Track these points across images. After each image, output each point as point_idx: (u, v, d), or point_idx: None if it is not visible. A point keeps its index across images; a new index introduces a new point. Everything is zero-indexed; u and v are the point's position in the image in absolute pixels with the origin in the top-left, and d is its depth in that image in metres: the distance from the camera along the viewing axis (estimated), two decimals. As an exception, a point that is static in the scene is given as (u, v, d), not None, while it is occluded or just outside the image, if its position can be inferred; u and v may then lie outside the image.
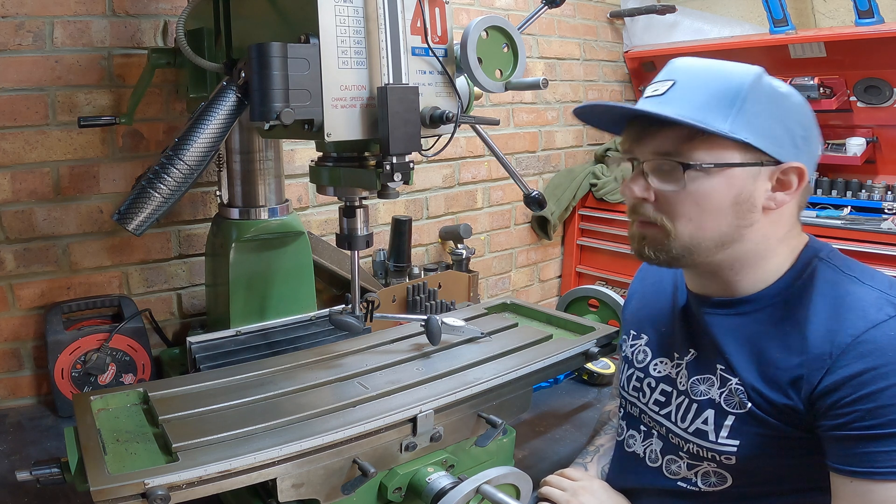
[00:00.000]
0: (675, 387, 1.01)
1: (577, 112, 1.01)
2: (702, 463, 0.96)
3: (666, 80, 0.92)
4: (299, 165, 1.92)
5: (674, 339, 1.04)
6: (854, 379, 0.80)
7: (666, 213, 0.90)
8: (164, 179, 0.99)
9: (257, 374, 1.13)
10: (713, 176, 0.87)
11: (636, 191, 0.91)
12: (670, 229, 0.90)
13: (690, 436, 0.96)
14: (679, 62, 0.95)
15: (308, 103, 0.95)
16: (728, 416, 0.92)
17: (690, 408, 0.97)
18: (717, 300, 0.97)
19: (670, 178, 0.89)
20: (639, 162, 0.92)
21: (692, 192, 0.87)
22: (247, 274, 1.44)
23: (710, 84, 0.89)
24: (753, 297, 0.94)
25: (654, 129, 0.90)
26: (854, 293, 0.86)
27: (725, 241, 0.90)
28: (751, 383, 0.90)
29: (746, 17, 2.85)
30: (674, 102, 0.88)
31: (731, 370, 0.92)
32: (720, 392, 0.93)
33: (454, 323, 1.26)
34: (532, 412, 1.52)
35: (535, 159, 2.66)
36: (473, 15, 2.23)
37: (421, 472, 1.01)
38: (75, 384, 1.52)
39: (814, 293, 0.88)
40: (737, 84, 0.87)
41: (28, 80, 1.49)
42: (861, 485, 0.79)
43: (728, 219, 0.89)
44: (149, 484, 0.79)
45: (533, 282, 2.79)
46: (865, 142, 2.41)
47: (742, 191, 0.88)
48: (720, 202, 0.88)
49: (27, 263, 1.56)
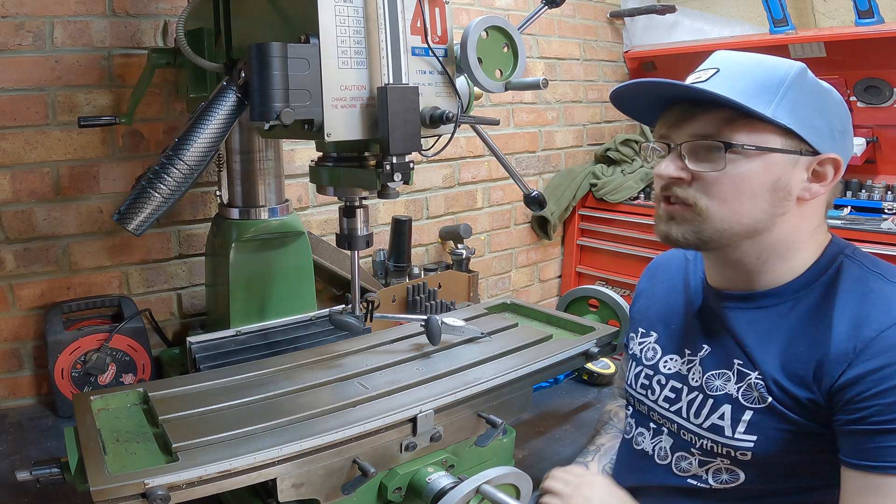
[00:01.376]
0: (687, 383, 1.01)
1: (617, 92, 0.99)
2: (714, 459, 0.96)
3: (709, 69, 0.92)
4: (299, 165, 1.92)
5: (686, 336, 1.05)
6: (875, 374, 0.80)
7: (703, 193, 0.90)
8: (164, 179, 0.99)
9: (257, 374, 1.13)
10: (752, 159, 0.87)
11: (671, 170, 0.91)
12: (704, 209, 0.89)
13: (706, 432, 0.96)
14: (722, 53, 0.95)
15: (308, 103, 0.95)
16: (746, 410, 0.92)
17: (705, 403, 0.97)
18: (738, 294, 0.98)
19: (709, 159, 0.89)
20: (676, 145, 0.92)
21: (731, 173, 0.88)
22: (247, 274, 1.44)
23: (755, 72, 0.89)
24: (776, 291, 0.94)
25: (696, 112, 0.90)
26: (880, 290, 0.86)
27: (757, 228, 0.90)
28: (772, 376, 0.90)
29: (746, 17, 2.85)
30: (718, 87, 0.88)
31: (752, 364, 0.92)
32: (738, 387, 0.93)
33: (454, 323, 1.26)
34: (532, 412, 1.52)
35: (535, 159, 2.66)
36: (473, 15, 2.23)
37: (421, 472, 1.01)
38: (75, 384, 1.52)
39: (839, 288, 0.89)
40: (781, 74, 0.88)
41: (28, 80, 1.49)
42: (875, 479, 0.79)
43: (763, 205, 0.89)
44: (149, 484, 0.79)
45: (533, 282, 2.79)
46: (865, 142, 2.41)
47: (780, 177, 0.88)
48: (758, 186, 0.88)
49: (27, 263, 1.56)
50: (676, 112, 0.93)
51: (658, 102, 0.97)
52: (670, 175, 0.91)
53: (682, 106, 0.92)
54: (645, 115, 1.02)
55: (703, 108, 0.89)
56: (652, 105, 0.98)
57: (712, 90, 0.86)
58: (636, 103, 1.01)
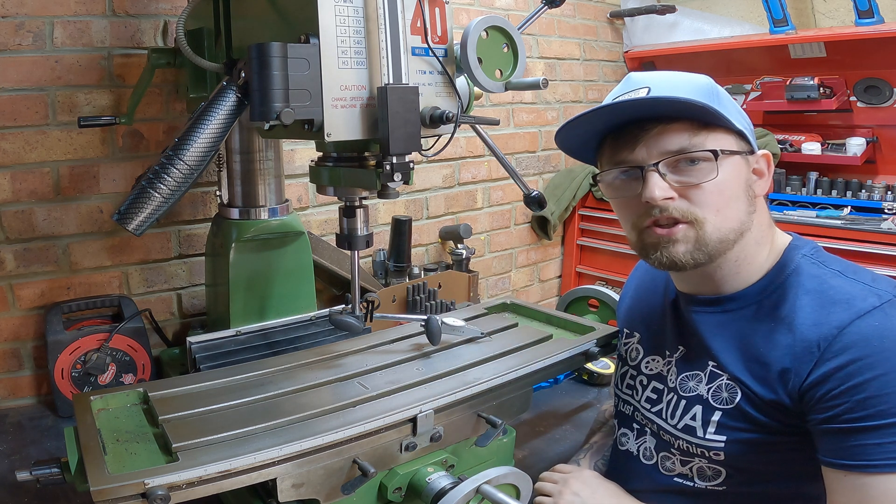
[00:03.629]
0: (666, 384, 1.02)
1: (560, 134, 0.97)
2: (693, 459, 0.96)
3: (639, 88, 0.91)
4: (299, 165, 1.92)
5: (664, 337, 1.05)
6: (841, 370, 0.80)
7: (696, 206, 0.88)
8: (164, 179, 0.99)
9: (257, 374, 1.13)
10: (724, 164, 0.88)
11: (658, 193, 0.88)
12: (702, 222, 0.89)
13: (679, 432, 0.96)
14: (636, 75, 0.95)
15: (308, 103, 0.95)
16: (715, 411, 0.92)
17: (679, 404, 0.97)
18: (704, 298, 0.98)
19: (692, 171, 0.88)
20: (650, 165, 0.89)
21: (716, 181, 0.88)
22: (247, 274, 1.44)
23: (684, 83, 0.91)
24: (738, 295, 0.94)
25: (653, 129, 0.89)
26: (838, 287, 0.87)
27: (742, 230, 0.91)
28: (739, 378, 0.90)
29: (746, 17, 2.85)
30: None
31: (721, 367, 0.93)
32: (708, 388, 0.94)
33: (454, 323, 1.26)
34: (532, 412, 1.52)
35: (535, 159, 2.66)
36: (473, 15, 2.23)
37: (421, 472, 1.01)
38: (75, 384, 1.52)
39: (799, 289, 0.89)
40: (705, 82, 0.91)
41: (28, 80, 1.49)
42: (857, 479, 0.79)
43: (743, 206, 0.91)
44: (149, 484, 0.79)
45: (533, 282, 2.79)
46: (865, 142, 2.41)
47: (746, 177, 0.91)
48: (737, 189, 0.90)
49: (27, 263, 1.56)
50: (630, 134, 0.90)
51: (593, 135, 0.96)
52: (664, 196, 0.88)
53: (631, 128, 0.90)
54: (584, 152, 1.00)
55: (660, 124, 0.88)
56: (587, 139, 0.97)
57: (683, 97, 0.85)
58: (576, 141, 0.98)
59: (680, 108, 0.87)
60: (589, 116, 0.91)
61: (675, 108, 0.87)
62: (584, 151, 1.01)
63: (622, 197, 0.94)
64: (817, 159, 2.48)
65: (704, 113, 0.86)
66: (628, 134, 0.91)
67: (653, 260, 0.93)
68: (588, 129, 0.95)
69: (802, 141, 2.51)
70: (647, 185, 0.89)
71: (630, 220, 0.95)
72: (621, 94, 0.93)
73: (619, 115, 0.91)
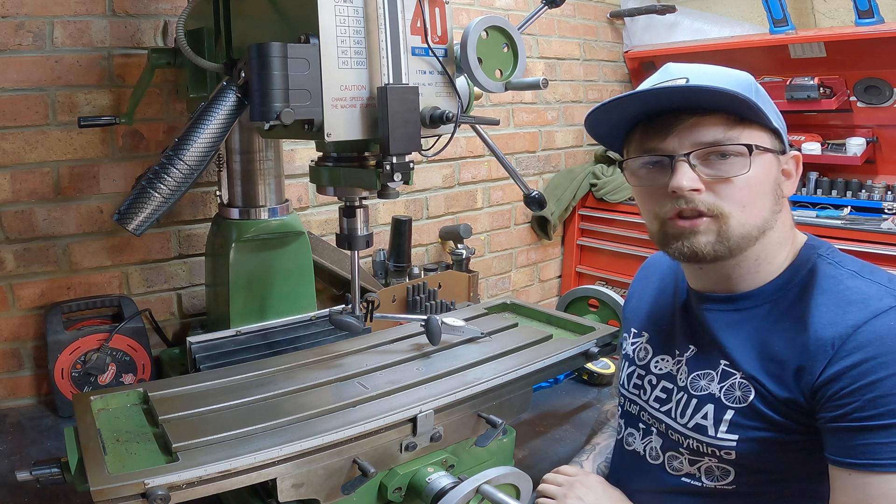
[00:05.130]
0: (676, 383, 1.01)
1: (591, 117, 0.95)
2: (703, 458, 0.96)
3: (678, 78, 0.90)
4: (299, 165, 1.92)
5: (674, 337, 1.05)
6: (854, 368, 0.80)
7: (723, 199, 0.88)
8: (164, 179, 0.99)
9: (257, 374, 1.13)
10: (756, 161, 0.87)
11: (686, 183, 0.87)
12: (728, 216, 0.88)
13: (690, 431, 0.96)
14: (674, 66, 0.94)
15: (308, 103, 0.95)
16: (727, 410, 0.92)
17: (690, 403, 0.97)
18: (717, 296, 0.98)
19: (723, 165, 0.87)
20: (681, 155, 0.88)
21: (747, 176, 0.87)
22: (247, 274, 1.44)
23: (725, 77, 0.90)
24: (753, 293, 0.94)
25: (688, 119, 0.88)
26: (855, 287, 0.86)
27: (765, 228, 0.90)
28: (752, 377, 0.90)
29: (746, 17, 2.85)
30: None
31: (734, 365, 0.93)
32: (720, 387, 0.93)
33: (454, 323, 1.26)
34: (532, 412, 1.52)
35: (535, 159, 2.66)
36: (473, 15, 2.23)
37: (421, 472, 1.01)
38: (75, 384, 1.52)
39: (815, 288, 0.89)
40: (745, 77, 0.90)
41: (28, 80, 1.49)
42: (860, 478, 0.79)
43: (769, 204, 0.90)
44: (149, 484, 0.79)
45: (533, 282, 2.79)
46: (865, 142, 2.41)
47: (775, 176, 0.91)
48: (766, 186, 0.89)
49: (27, 263, 1.56)
50: (663, 123, 0.90)
51: (624, 122, 0.95)
52: (692, 188, 0.87)
53: (665, 117, 0.89)
54: (611, 138, 0.99)
55: (695, 115, 0.88)
56: (617, 125, 0.96)
57: (724, 88, 0.84)
58: (606, 126, 0.97)
59: (718, 100, 0.86)
60: (624, 100, 0.90)
61: (714, 100, 0.86)
62: (612, 137, 1.00)
63: (647, 185, 0.93)
64: (817, 159, 2.48)
65: (743, 107, 0.85)
66: (661, 123, 0.90)
67: (673, 250, 0.92)
68: (621, 115, 0.94)
69: (802, 141, 2.51)
70: (676, 174, 0.88)
71: (652, 210, 0.94)
72: (659, 82, 0.92)
73: (655, 102, 0.90)
